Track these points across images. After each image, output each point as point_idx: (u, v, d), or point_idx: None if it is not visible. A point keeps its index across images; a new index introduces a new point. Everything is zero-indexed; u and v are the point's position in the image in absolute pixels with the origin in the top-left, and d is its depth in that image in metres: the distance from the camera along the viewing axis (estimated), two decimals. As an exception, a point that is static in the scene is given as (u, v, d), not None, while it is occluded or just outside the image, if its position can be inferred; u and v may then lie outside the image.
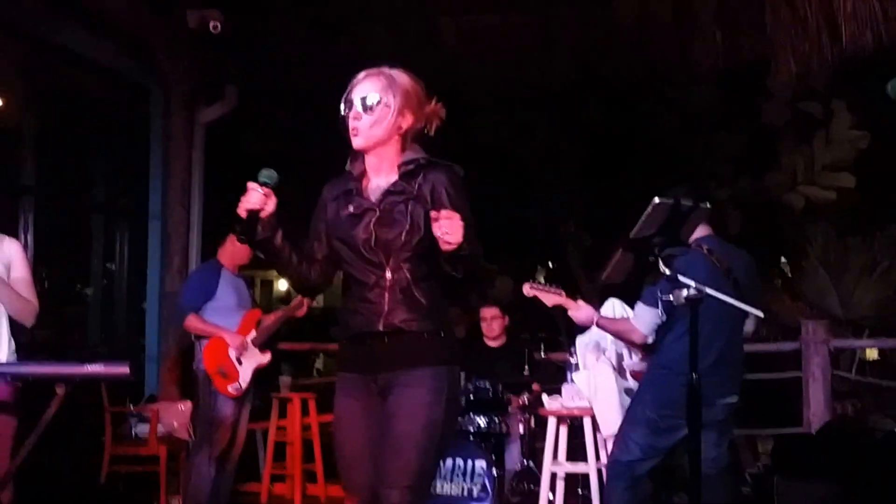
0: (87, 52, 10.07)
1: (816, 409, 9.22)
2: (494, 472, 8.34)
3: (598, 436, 7.67)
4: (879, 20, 10.16)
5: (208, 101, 11.00)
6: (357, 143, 4.25)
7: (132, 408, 9.87)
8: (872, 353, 12.94)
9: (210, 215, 10.90)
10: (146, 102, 11.02)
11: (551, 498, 7.97)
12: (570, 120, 13.76)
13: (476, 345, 9.68)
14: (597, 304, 7.39)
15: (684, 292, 4.95)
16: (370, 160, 4.32)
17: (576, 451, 8.03)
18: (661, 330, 6.30)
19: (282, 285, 28.19)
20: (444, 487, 8.42)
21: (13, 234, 8.85)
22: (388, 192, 4.26)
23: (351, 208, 4.29)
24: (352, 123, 4.25)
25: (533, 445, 8.80)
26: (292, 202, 4.40)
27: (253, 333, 8.39)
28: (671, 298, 5.05)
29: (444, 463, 8.27)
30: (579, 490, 8.29)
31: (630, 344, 6.95)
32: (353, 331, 4.29)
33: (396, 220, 4.20)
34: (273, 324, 8.54)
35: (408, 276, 4.18)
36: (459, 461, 8.44)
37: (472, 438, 8.60)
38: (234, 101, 11.08)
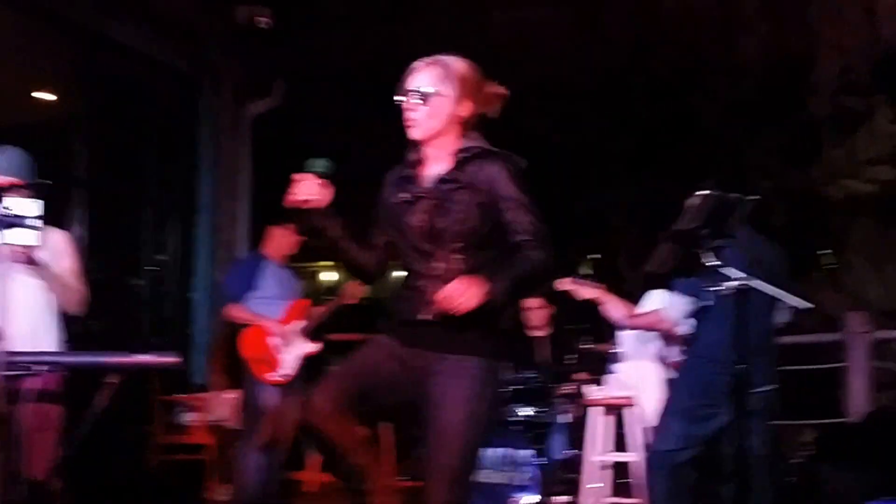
0: (139, 46, 10.17)
1: (858, 399, 9.22)
2: (539, 461, 8.32)
3: (641, 426, 7.71)
4: (921, 16, 10.19)
5: (257, 95, 11.10)
6: (414, 134, 4.18)
7: (181, 397, 9.96)
8: (914, 345, 12.92)
9: (258, 208, 10.98)
10: (196, 96, 11.11)
11: (594, 487, 8.01)
12: (616, 112, 13.80)
13: (520, 335, 9.69)
14: (640, 296, 7.45)
15: (731, 283, 4.98)
16: (429, 149, 4.22)
17: (619, 440, 8.08)
18: (697, 319, 6.36)
19: (331, 276, 28.16)
20: (490, 476, 8.46)
21: (65, 225, 9.01)
22: (442, 180, 4.15)
23: (404, 195, 4.21)
24: (408, 115, 4.16)
25: (577, 435, 8.84)
26: (342, 193, 4.42)
27: (300, 322, 8.44)
28: (721, 289, 5.08)
29: (490, 452, 8.31)
30: (622, 480, 8.34)
31: (662, 333, 7.02)
32: (399, 317, 4.22)
33: (448, 209, 4.09)
34: (323, 313, 8.59)
35: (458, 266, 4.06)
36: (505, 451, 8.47)
37: (517, 428, 8.63)
38: (282, 95, 11.17)
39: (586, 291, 7.05)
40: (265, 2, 10.03)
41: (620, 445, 8.03)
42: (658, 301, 7.36)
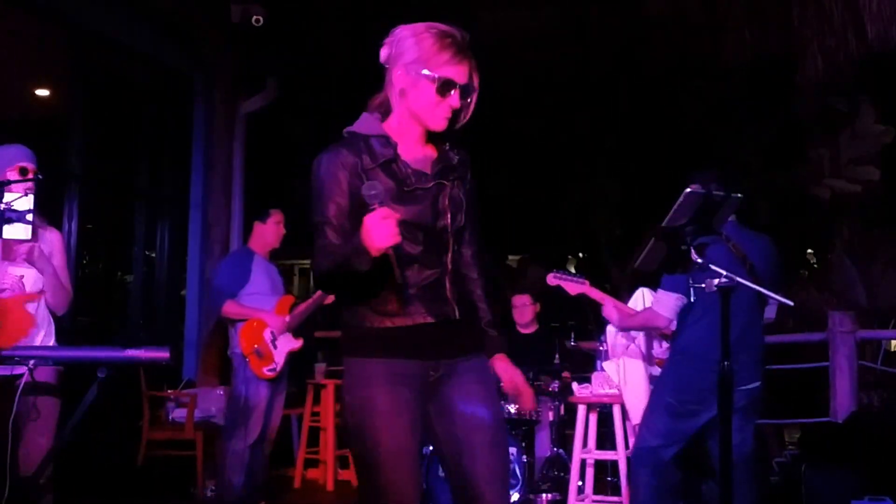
0: (134, 42, 10.19)
1: (842, 399, 9.25)
2: (525, 459, 8.33)
3: (628, 423, 7.71)
4: (905, 18, 10.27)
5: (250, 92, 11.13)
6: (445, 127, 3.85)
7: (170, 393, 10.00)
8: (899, 344, 13.02)
9: (250, 205, 11.01)
10: (190, 93, 11.15)
11: (580, 485, 7.99)
12: (602, 111, 13.86)
13: (507, 332, 9.71)
14: (627, 293, 7.51)
15: (716, 281, 5.01)
16: (415, 131, 3.91)
17: (605, 438, 8.13)
18: (680, 316, 6.43)
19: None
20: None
21: (58, 220, 9.05)
22: (443, 169, 3.91)
23: (403, 183, 3.82)
24: (449, 107, 3.81)
25: (563, 433, 8.88)
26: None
27: (287, 318, 8.45)
28: (703, 286, 5.11)
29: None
30: (608, 477, 8.39)
31: (655, 331, 7.08)
32: (410, 318, 3.79)
33: (454, 202, 3.89)
34: (306, 309, 8.60)
35: (466, 260, 4.01)
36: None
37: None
38: (274, 92, 11.19)
39: (576, 287, 7.11)
40: (259, 0, 10.05)
41: (607, 443, 8.07)
42: (644, 298, 7.43)
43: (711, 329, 5.94)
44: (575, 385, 8.00)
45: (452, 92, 3.80)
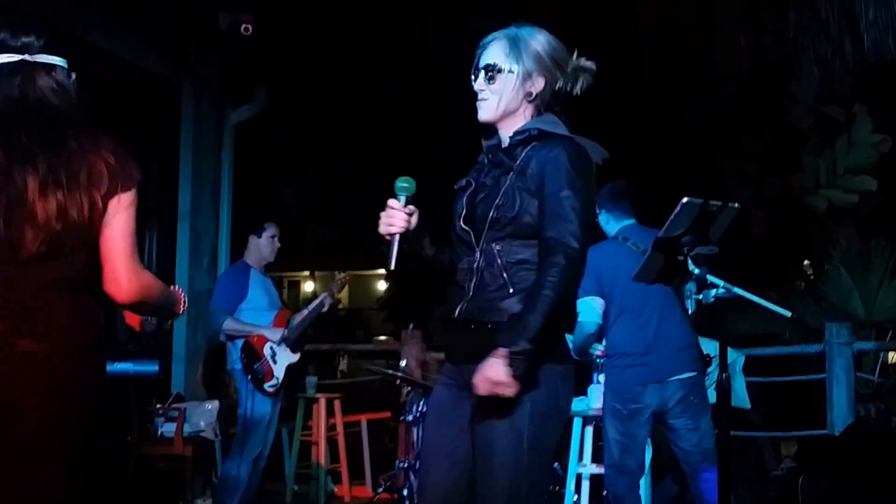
0: (120, 51, 10.08)
1: (840, 411, 9.21)
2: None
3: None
4: (901, 27, 10.26)
5: (238, 101, 11.07)
6: (481, 116, 3.92)
7: (159, 407, 9.90)
8: (896, 356, 12.93)
9: (239, 216, 10.94)
10: (177, 103, 11.05)
11: (576, 499, 7.96)
12: (596, 120, 13.82)
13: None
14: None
15: (713, 291, 4.95)
16: (499, 130, 3.95)
17: (601, 452, 8.04)
18: (607, 320, 6.58)
19: (308, 286, 28.09)
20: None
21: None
22: (491, 164, 3.92)
23: (461, 182, 4.01)
24: (478, 94, 3.91)
25: (559, 446, 8.78)
26: (326, 201, 4.33)
27: (285, 331, 8.41)
28: (700, 297, 5.06)
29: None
30: (604, 491, 8.30)
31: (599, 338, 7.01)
32: (444, 315, 3.92)
33: (490, 195, 3.82)
34: (302, 322, 8.56)
35: (497, 259, 3.75)
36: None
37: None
38: (263, 102, 11.12)
39: None
40: (248, 8, 9.97)
41: (603, 457, 7.99)
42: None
43: (626, 326, 6.45)
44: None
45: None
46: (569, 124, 3.97)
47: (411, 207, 3.80)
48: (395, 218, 3.75)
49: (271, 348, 8.26)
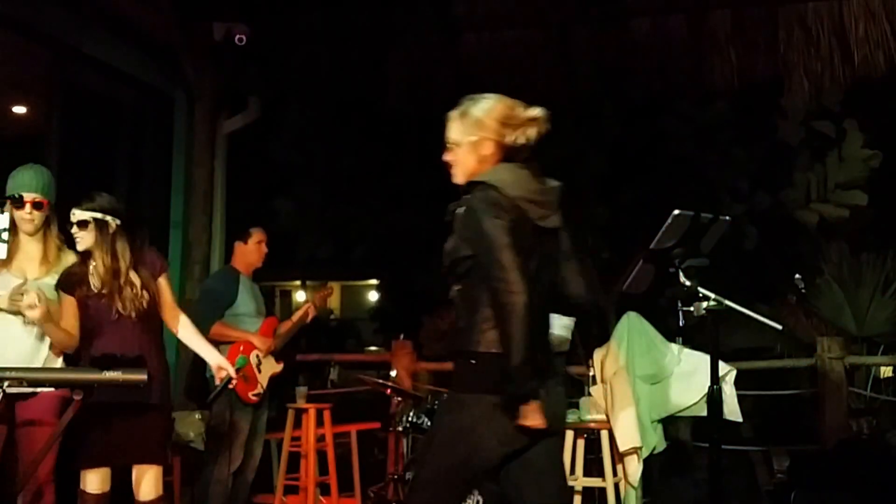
0: (113, 60, 10.08)
1: (832, 425, 9.22)
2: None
3: (615, 450, 7.61)
4: (891, 42, 10.27)
5: (231, 111, 11.06)
6: (454, 179, 4.43)
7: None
8: (887, 371, 12.96)
9: (232, 225, 10.92)
10: (170, 112, 11.04)
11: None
12: (588, 135, 13.84)
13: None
14: (613, 316, 7.43)
15: (704, 304, 4.97)
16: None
17: (592, 465, 8.02)
18: None
19: (300, 296, 28.05)
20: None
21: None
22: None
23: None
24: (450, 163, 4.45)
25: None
26: (320, 211, 4.41)
27: (272, 340, 8.38)
28: (691, 309, 5.07)
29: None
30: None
31: None
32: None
33: (449, 238, 4.29)
34: (288, 331, 8.54)
35: (456, 296, 4.27)
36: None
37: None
38: (256, 111, 11.11)
39: None
40: (242, 19, 9.98)
41: (594, 470, 7.97)
42: (629, 324, 7.37)
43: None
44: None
45: None
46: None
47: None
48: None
49: (257, 356, 8.23)
